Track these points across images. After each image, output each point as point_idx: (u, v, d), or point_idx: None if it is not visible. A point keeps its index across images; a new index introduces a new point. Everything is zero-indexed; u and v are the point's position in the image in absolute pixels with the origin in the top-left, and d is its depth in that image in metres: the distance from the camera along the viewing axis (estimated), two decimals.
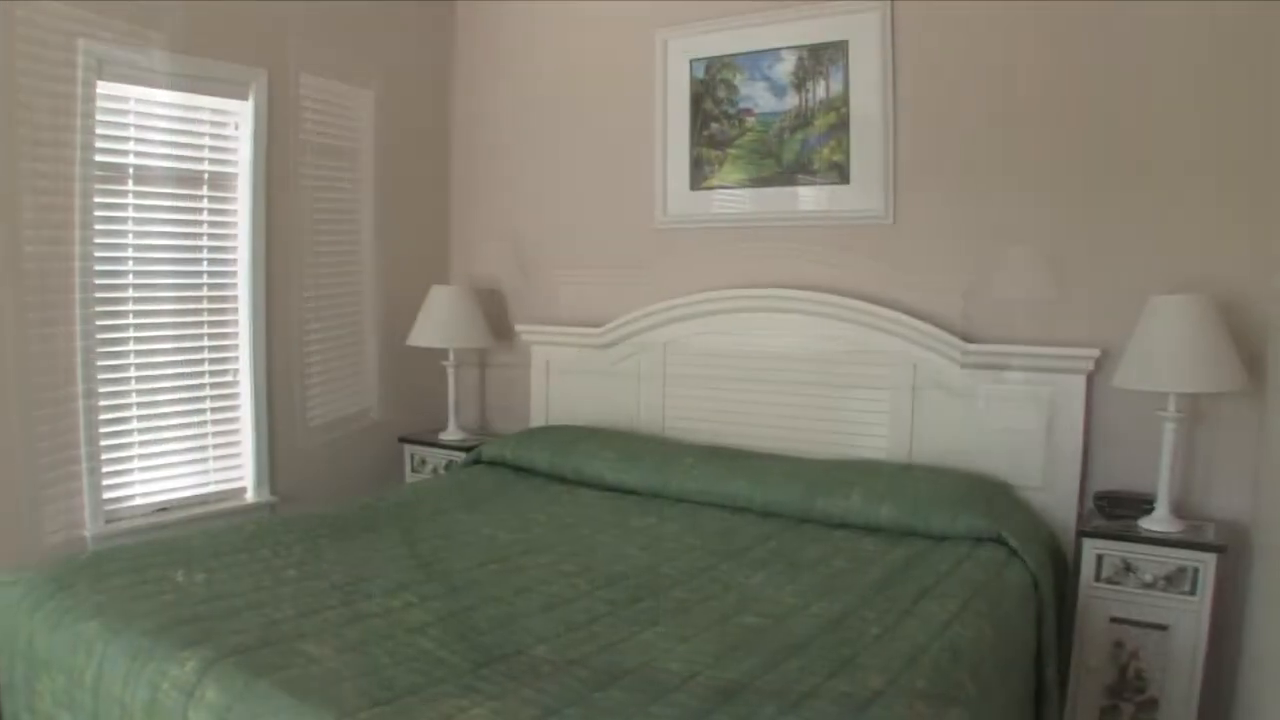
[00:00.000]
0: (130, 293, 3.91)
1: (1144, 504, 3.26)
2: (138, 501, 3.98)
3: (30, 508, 3.64)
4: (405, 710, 1.88)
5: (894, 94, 3.81)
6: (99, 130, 3.75)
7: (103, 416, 3.83)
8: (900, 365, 3.76)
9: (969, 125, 3.71)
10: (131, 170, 3.88)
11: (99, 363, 3.80)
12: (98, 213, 3.77)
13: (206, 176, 4.14)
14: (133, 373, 3.94)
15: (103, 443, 3.83)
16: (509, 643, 2.24)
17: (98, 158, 3.75)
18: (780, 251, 4.12)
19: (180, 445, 4.13)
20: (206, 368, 4.20)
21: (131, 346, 3.93)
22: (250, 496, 4.34)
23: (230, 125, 4.21)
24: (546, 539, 3.16)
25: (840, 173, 3.94)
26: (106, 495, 3.85)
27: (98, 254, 3.77)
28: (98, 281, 3.78)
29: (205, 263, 4.17)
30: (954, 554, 3.02)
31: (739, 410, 4.12)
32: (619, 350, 4.43)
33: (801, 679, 2.06)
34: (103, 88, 3.75)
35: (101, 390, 3.82)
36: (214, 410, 4.23)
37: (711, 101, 4.23)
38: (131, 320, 3.92)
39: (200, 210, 4.14)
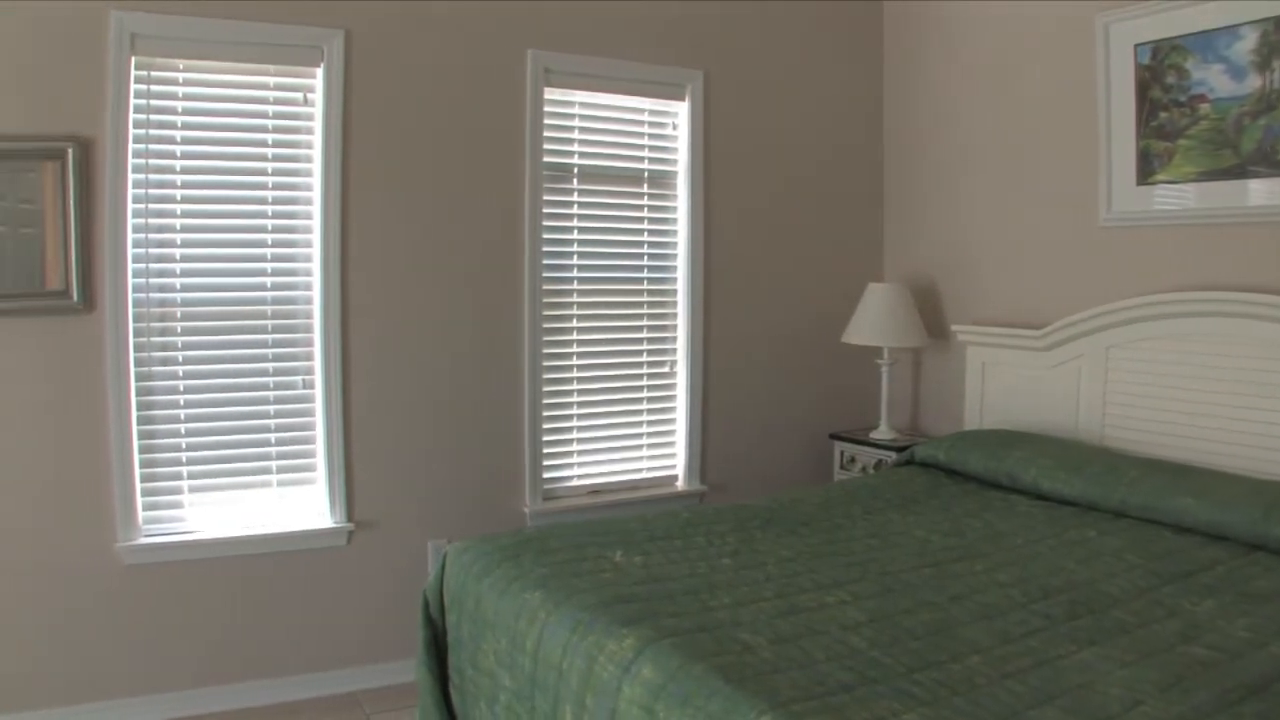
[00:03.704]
0: (575, 285, 4.13)
1: None
2: (574, 483, 4.20)
3: (480, 483, 3.96)
4: (837, 707, 1.83)
5: None
6: (546, 133, 3.99)
7: (545, 401, 4.07)
8: None
9: None
10: (576, 170, 4.09)
11: (545, 350, 4.04)
12: (546, 210, 4.01)
13: (646, 175, 4.28)
14: (575, 360, 4.15)
15: (544, 425, 4.07)
16: (942, 649, 2.15)
17: (545, 159, 3.99)
18: (1234, 250, 3.60)
19: (616, 432, 4.30)
20: (645, 359, 4.35)
21: (575, 336, 4.14)
22: (681, 485, 4.44)
23: (669, 125, 4.33)
24: (980, 546, 2.99)
25: None
26: (546, 475, 4.10)
27: (545, 249, 4.02)
28: (545, 275, 4.02)
29: (645, 258, 4.32)
30: None
31: (1183, 420, 3.66)
32: (1059, 353, 4.08)
33: None
34: (549, 93, 3.99)
35: (546, 376, 4.07)
36: (650, 400, 4.37)
37: (1159, 89, 3.78)
38: (575, 311, 4.14)
39: (641, 208, 4.29)
